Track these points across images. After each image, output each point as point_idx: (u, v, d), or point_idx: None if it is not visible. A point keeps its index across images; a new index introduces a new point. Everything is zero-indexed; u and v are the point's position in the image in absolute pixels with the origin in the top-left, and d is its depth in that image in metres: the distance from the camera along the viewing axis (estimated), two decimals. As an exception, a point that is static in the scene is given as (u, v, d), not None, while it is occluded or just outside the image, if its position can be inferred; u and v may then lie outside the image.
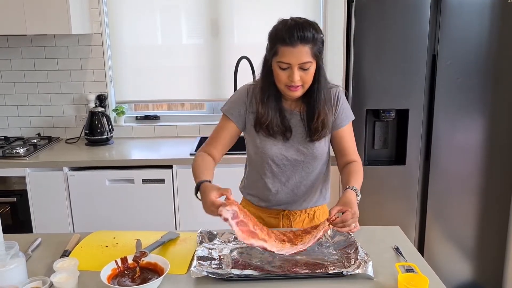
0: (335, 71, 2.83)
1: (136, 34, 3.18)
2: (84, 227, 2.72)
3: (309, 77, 1.54)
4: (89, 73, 3.16)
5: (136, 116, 3.34)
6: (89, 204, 2.72)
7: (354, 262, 1.36)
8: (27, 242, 1.57)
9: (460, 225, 2.69)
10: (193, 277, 1.30)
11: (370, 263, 1.34)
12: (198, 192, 1.50)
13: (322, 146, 1.68)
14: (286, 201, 1.73)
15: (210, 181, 1.50)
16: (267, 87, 1.60)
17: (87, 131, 3.03)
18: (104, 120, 3.04)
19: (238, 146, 3.10)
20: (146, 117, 3.32)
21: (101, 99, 3.13)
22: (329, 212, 1.41)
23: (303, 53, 1.49)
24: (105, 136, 3.04)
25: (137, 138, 3.25)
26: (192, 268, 1.32)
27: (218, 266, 1.36)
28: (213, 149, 1.69)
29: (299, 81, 1.52)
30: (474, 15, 2.42)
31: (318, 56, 1.53)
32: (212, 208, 1.39)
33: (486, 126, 2.56)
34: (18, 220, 2.73)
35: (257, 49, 3.11)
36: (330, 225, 1.39)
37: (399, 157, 2.67)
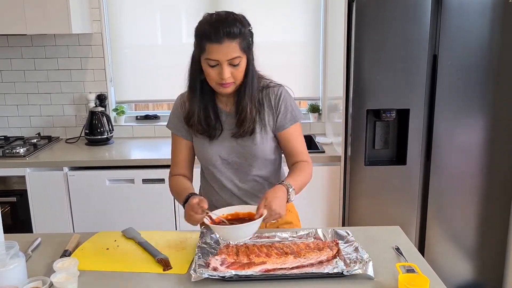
0: (335, 71, 2.83)
1: (136, 33, 3.18)
2: (84, 227, 2.72)
3: (240, 72, 1.50)
4: (89, 73, 3.16)
5: (136, 116, 3.34)
6: (89, 204, 2.72)
7: (354, 262, 1.36)
8: (27, 242, 1.57)
9: (460, 225, 2.69)
10: (193, 280, 1.29)
11: (371, 263, 1.34)
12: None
13: (263, 145, 1.61)
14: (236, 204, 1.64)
15: (194, 193, 1.52)
16: (195, 85, 1.58)
17: (87, 131, 3.02)
18: (104, 119, 3.04)
19: None
20: (146, 117, 3.32)
21: (101, 99, 3.12)
22: (258, 207, 1.41)
23: (230, 48, 1.45)
24: (105, 136, 3.04)
25: (137, 138, 3.25)
26: (192, 271, 1.31)
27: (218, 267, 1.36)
28: (180, 170, 1.69)
29: (230, 78, 1.49)
30: (475, 15, 2.42)
31: (247, 50, 1.50)
32: (190, 213, 1.42)
33: (487, 126, 2.56)
34: (18, 220, 2.73)
35: (257, 48, 3.13)
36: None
37: (399, 157, 2.66)
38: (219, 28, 1.43)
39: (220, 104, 1.63)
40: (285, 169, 1.75)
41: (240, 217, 1.49)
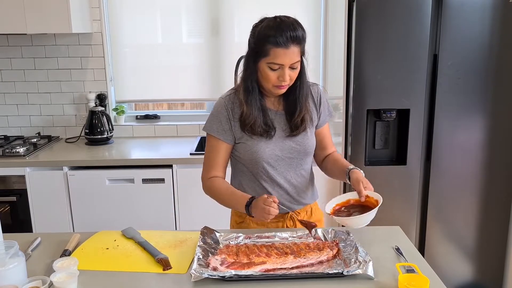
0: (335, 71, 2.83)
1: (136, 33, 3.18)
2: (84, 226, 2.72)
3: (296, 75, 1.58)
4: (89, 72, 3.16)
5: (136, 116, 3.34)
6: (89, 204, 2.72)
7: (354, 262, 1.36)
8: (27, 241, 1.57)
9: (461, 225, 2.68)
10: (193, 280, 1.29)
11: (371, 263, 1.34)
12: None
13: (312, 141, 1.71)
14: (288, 202, 1.72)
15: (254, 197, 1.56)
16: (251, 87, 1.59)
17: (87, 131, 3.02)
18: (104, 119, 3.04)
19: None
20: (146, 117, 3.32)
21: (101, 98, 3.12)
22: (361, 192, 1.59)
23: (295, 53, 1.51)
24: (105, 136, 3.04)
25: (137, 138, 3.25)
26: (192, 271, 1.31)
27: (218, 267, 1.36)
28: (218, 172, 1.69)
29: (288, 80, 1.55)
30: (475, 15, 2.42)
31: (303, 53, 1.56)
32: (263, 206, 1.46)
33: (487, 126, 2.55)
34: (18, 220, 2.73)
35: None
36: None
37: (400, 157, 2.66)
38: (286, 34, 1.48)
39: (268, 104, 1.67)
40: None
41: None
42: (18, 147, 2.77)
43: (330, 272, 1.32)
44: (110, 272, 1.39)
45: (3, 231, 1.39)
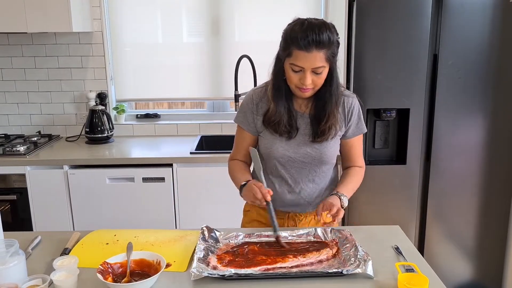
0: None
1: (136, 32, 3.18)
2: (84, 225, 2.72)
3: (321, 80, 1.54)
4: (90, 71, 3.16)
5: (137, 115, 3.34)
6: (89, 202, 2.72)
7: (354, 262, 1.36)
8: (27, 240, 1.57)
9: (460, 224, 2.69)
10: (193, 279, 1.29)
11: (370, 262, 1.34)
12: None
13: (330, 150, 1.66)
14: (292, 204, 1.72)
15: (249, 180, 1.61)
16: (279, 85, 1.60)
17: (88, 129, 3.03)
18: (105, 118, 3.04)
19: (225, 145, 3.11)
20: (147, 116, 3.33)
21: (102, 97, 3.13)
22: (316, 212, 1.56)
23: (317, 58, 1.48)
24: (105, 135, 3.04)
25: (137, 137, 3.25)
26: (192, 270, 1.31)
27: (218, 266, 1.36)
28: (240, 156, 1.78)
29: (311, 84, 1.52)
30: (475, 15, 2.42)
31: (331, 59, 1.51)
32: (255, 190, 1.53)
33: (487, 126, 2.56)
34: (18, 218, 2.73)
35: (258, 47, 3.14)
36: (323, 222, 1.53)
37: (399, 157, 2.67)
38: (309, 37, 1.46)
39: (295, 105, 1.66)
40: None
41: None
42: (18, 146, 2.77)
43: (329, 271, 1.32)
44: (110, 271, 1.39)
45: (4, 230, 1.40)
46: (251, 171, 1.77)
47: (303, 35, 1.46)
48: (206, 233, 1.54)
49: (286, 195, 1.71)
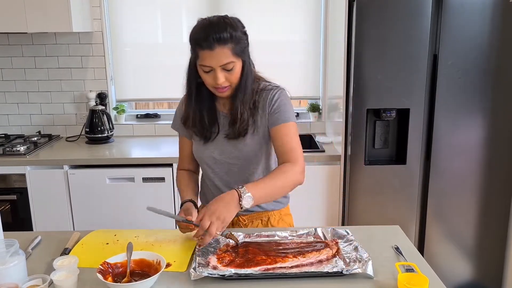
0: (335, 71, 2.83)
1: (137, 32, 3.18)
2: (84, 225, 2.72)
3: (235, 76, 1.50)
4: (90, 71, 3.16)
5: (137, 115, 3.34)
6: (89, 202, 2.72)
7: (354, 261, 1.36)
8: (27, 240, 1.57)
9: (460, 224, 2.69)
10: (193, 279, 1.29)
11: (370, 262, 1.34)
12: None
13: (251, 147, 1.60)
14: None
15: (190, 200, 1.59)
16: (191, 88, 1.60)
17: (88, 129, 3.03)
18: (105, 118, 3.04)
19: None
20: (147, 116, 3.33)
21: (102, 97, 3.13)
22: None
23: (222, 54, 1.44)
24: (105, 134, 3.04)
25: (137, 137, 3.25)
26: (192, 270, 1.31)
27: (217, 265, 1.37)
28: (186, 164, 1.77)
29: (225, 82, 1.49)
30: (475, 15, 2.42)
31: (241, 54, 1.49)
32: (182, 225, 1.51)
33: (487, 125, 2.56)
34: (18, 218, 2.73)
35: (257, 48, 3.13)
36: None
37: (399, 157, 2.67)
38: (209, 35, 1.43)
39: (218, 106, 1.64)
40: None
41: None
42: (18, 146, 2.77)
43: (329, 271, 1.32)
44: (110, 271, 1.39)
45: (4, 230, 1.40)
46: (199, 179, 1.78)
47: (203, 34, 1.44)
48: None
49: None
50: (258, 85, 1.61)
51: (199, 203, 1.71)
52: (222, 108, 1.64)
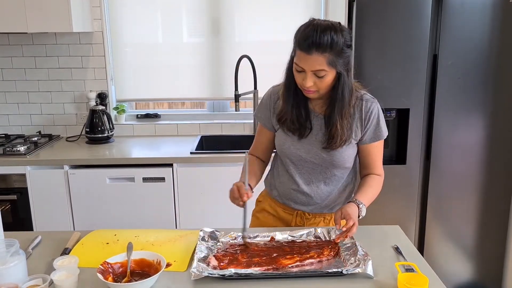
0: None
1: (137, 32, 3.18)
2: (85, 225, 2.73)
3: (324, 84, 1.50)
4: (90, 71, 3.16)
5: (137, 115, 3.34)
6: (89, 202, 2.72)
7: (354, 261, 1.36)
8: (28, 240, 1.58)
9: (460, 224, 2.69)
10: (193, 279, 1.30)
11: (370, 262, 1.35)
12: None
13: (342, 155, 1.62)
14: (301, 202, 1.71)
15: (243, 182, 1.60)
16: (289, 83, 1.60)
17: (88, 129, 3.03)
18: (105, 118, 3.04)
19: (225, 145, 3.11)
20: (147, 116, 3.33)
21: (102, 97, 3.13)
22: (334, 220, 1.50)
23: (317, 61, 1.45)
24: (105, 134, 3.04)
25: (137, 137, 3.25)
26: (192, 269, 1.31)
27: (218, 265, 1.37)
28: (258, 153, 1.81)
29: (313, 86, 1.50)
30: (475, 15, 2.42)
31: (337, 65, 1.47)
32: (233, 189, 1.58)
33: (487, 125, 2.56)
34: (19, 218, 2.73)
35: (258, 48, 3.14)
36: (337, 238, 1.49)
37: (399, 157, 2.67)
38: (310, 39, 1.44)
39: (311, 105, 1.65)
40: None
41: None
42: (19, 146, 2.77)
43: (329, 271, 1.33)
44: (111, 271, 1.39)
45: (4, 230, 1.40)
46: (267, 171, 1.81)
47: (305, 36, 1.45)
48: (206, 233, 1.54)
49: (297, 193, 1.70)
50: (356, 95, 1.62)
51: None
52: (314, 108, 1.65)
